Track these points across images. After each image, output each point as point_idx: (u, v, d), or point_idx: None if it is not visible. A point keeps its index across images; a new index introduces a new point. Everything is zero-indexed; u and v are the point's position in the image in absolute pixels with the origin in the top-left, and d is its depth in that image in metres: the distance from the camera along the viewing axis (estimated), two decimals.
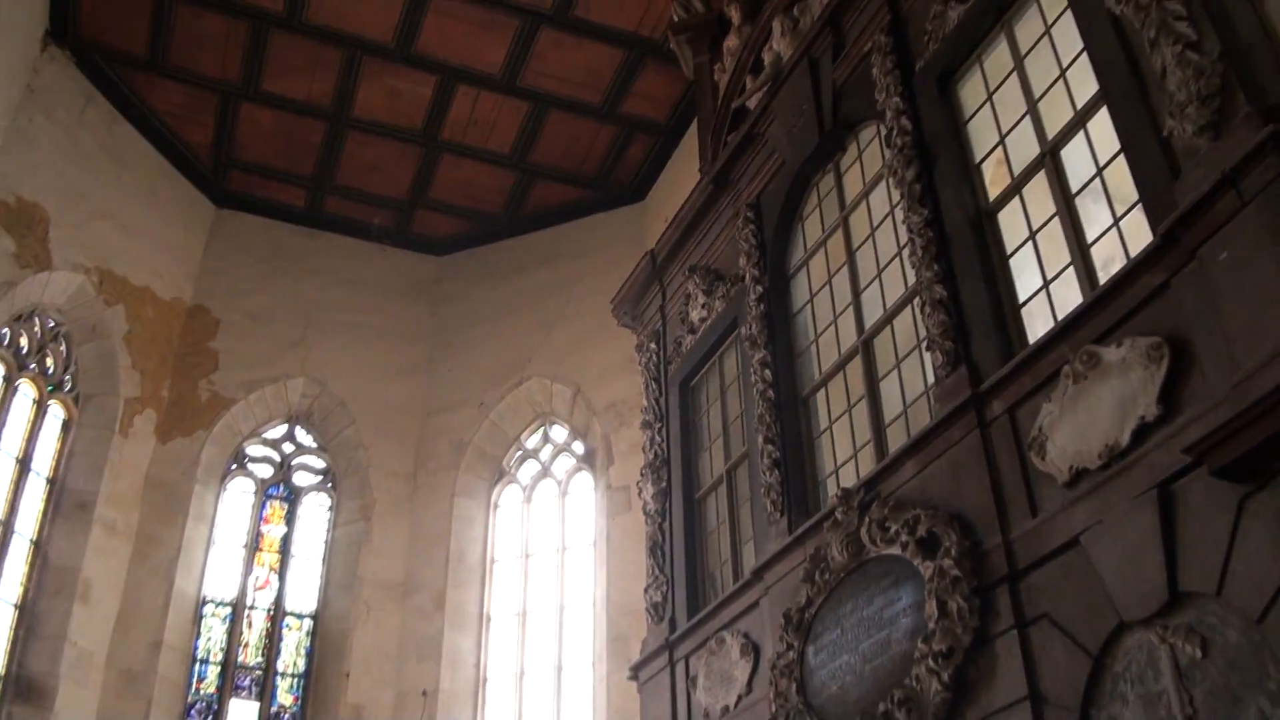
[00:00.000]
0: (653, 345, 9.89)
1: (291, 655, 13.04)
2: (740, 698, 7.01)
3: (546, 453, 14.17)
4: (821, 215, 7.73)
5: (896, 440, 6.20)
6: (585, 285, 13.89)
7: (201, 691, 12.51)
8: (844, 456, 6.81)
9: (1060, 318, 5.01)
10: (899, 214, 6.55)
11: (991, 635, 4.88)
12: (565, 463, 13.98)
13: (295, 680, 12.94)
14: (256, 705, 12.64)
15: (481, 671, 12.89)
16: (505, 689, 12.81)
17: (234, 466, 13.95)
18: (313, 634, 13.22)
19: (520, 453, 14.25)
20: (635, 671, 8.56)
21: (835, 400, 7.07)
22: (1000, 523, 5.03)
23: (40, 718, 11.08)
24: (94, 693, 11.59)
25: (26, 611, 11.57)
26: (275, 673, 12.92)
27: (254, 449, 14.25)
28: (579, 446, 13.92)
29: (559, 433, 14.18)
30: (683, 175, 12.57)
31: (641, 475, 9.43)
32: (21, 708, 11.10)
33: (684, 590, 8.21)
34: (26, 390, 12.42)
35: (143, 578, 12.44)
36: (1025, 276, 5.46)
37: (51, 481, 12.37)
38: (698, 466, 8.78)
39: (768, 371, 7.57)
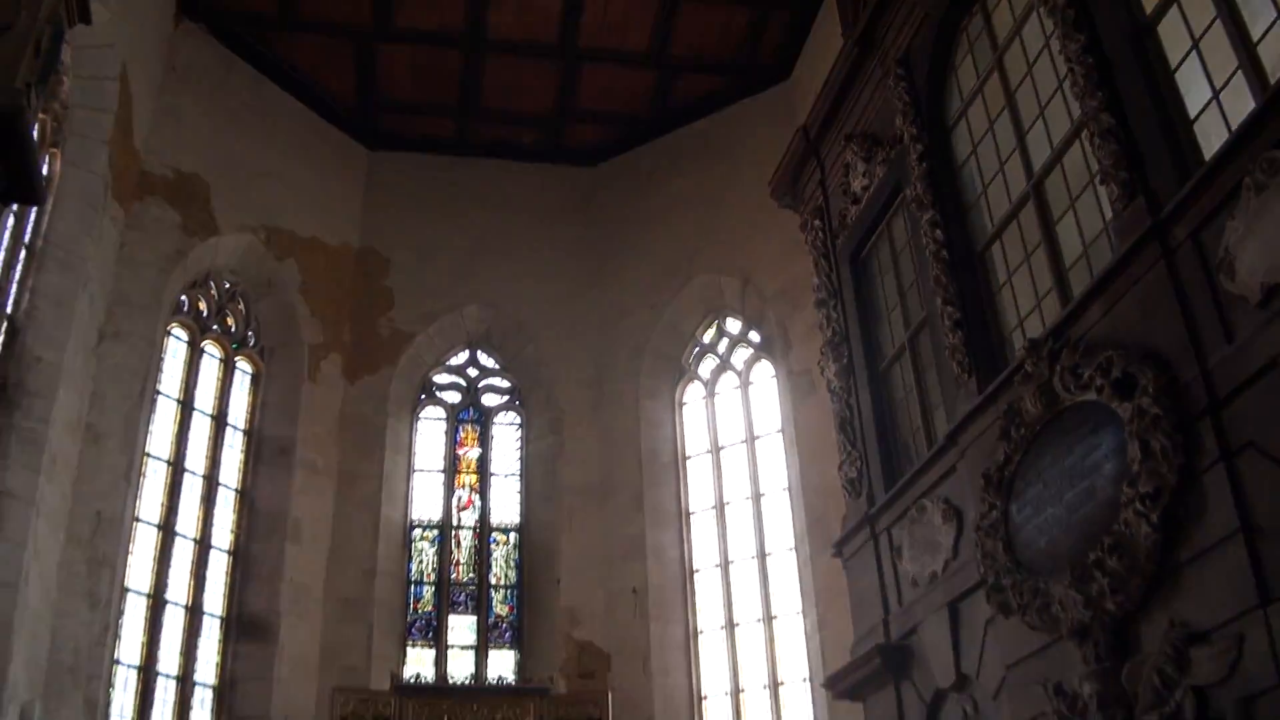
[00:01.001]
0: (817, 222, 9.77)
1: (502, 568, 13.67)
2: (947, 563, 7.02)
3: (723, 346, 14.23)
4: (974, 60, 7.47)
5: (1079, 283, 6.03)
6: (741, 173, 13.68)
7: (420, 610, 13.23)
8: (1027, 307, 6.65)
9: (1234, 128, 4.80)
10: (1054, 45, 6.31)
11: (1198, 470, 4.78)
12: (743, 354, 14.03)
13: (508, 591, 13.58)
14: (474, 619, 13.36)
15: (687, 565, 13.26)
16: (711, 580, 13.14)
17: (423, 397, 14.47)
18: (519, 546, 13.81)
19: (698, 349, 14.36)
20: (838, 548, 8.66)
21: (1012, 250, 6.90)
22: (1195, 353, 4.89)
23: (266, 650, 11.91)
24: (315, 623, 12.33)
25: (240, 556, 12.39)
26: (488, 586, 13.56)
27: (440, 378, 14.67)
28: (755, 336, 13.93)
29: (733, 325, 14.23)
30: (825, 45, 12.27)
31: (822, 355, 9.40)
32: (248, 644, 11.96)
33: (878, 463, 8.21)
34: (213, 351, 13.08)
35: (349, 511, 13.10)
36: (1193, 90, 5.22)
37: (249, 432, 13.08)
38: (878, 338, 8.70)
39: (938, 231, 7.41)
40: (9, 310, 9.74)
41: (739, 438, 13.65)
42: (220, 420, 12.92)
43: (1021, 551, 5.95)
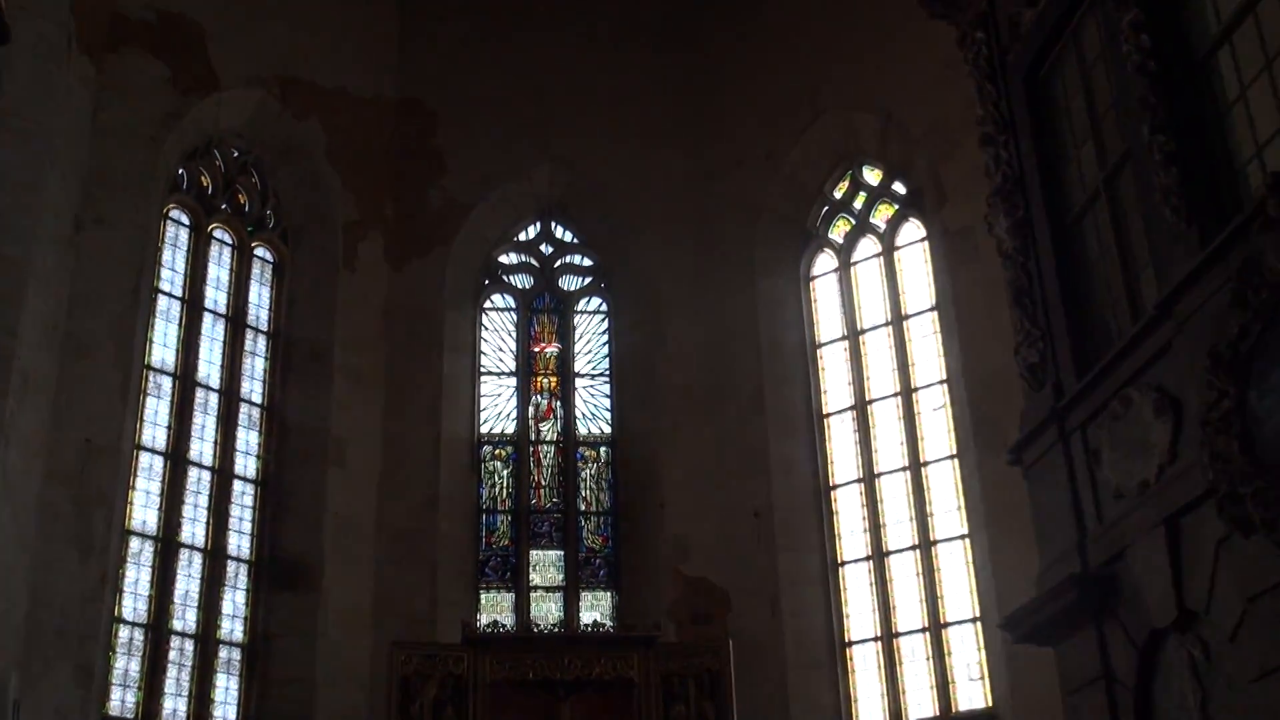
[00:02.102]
0: (979, 34, 9.45)
1: (592, 492, 13.93)
2: (1162, 468, 6.88)
3: (860, 202, 14.18)
4: None
5: None
6: None
7: (494, 545, 13.54)
8: (1268, 130, 6.33)
9: None
10: None
11: None
12: (885, 211, 13.99)
13: (601, 519, 13.83)
14: (560, 553, 13.64)
15: (821, 480, 13.37)
16: (852, 499, 13.27)
17: (487, 282, 14.70)
18: (612, 463, 14.00)
19: (827, 208, 14.34)
20: (1016, 454, 8.55)
21: (1246, 54, 6.53)
22: None
23: (307, 601, 12.22)
24: (366, 566, 12.63)
25: (271, 487, 12.63)
26: (577, 513, 13.81)
27: (507, 258, 14.90)
28: (899, 187, 13.84)
29: (871, 175, 14.15)
30: None
31: (989, 206, 9.19)
32: (284, 594, 12.26)
33: (1067, 344, 8.10)
34: (223, 236, 13.20)
35: (402, 428, 13.32)
36: None
37: (273, 335, 13.29)
38: (1064, 182, 8.53)
39: (1143, 35, 7.07)
40: None
41: (882, 319, 13.66)
42: (237, 321, 13.09)
43: (1264, 451, 5.79)
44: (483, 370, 14.31)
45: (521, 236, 14.97)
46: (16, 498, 9.77)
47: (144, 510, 11.70)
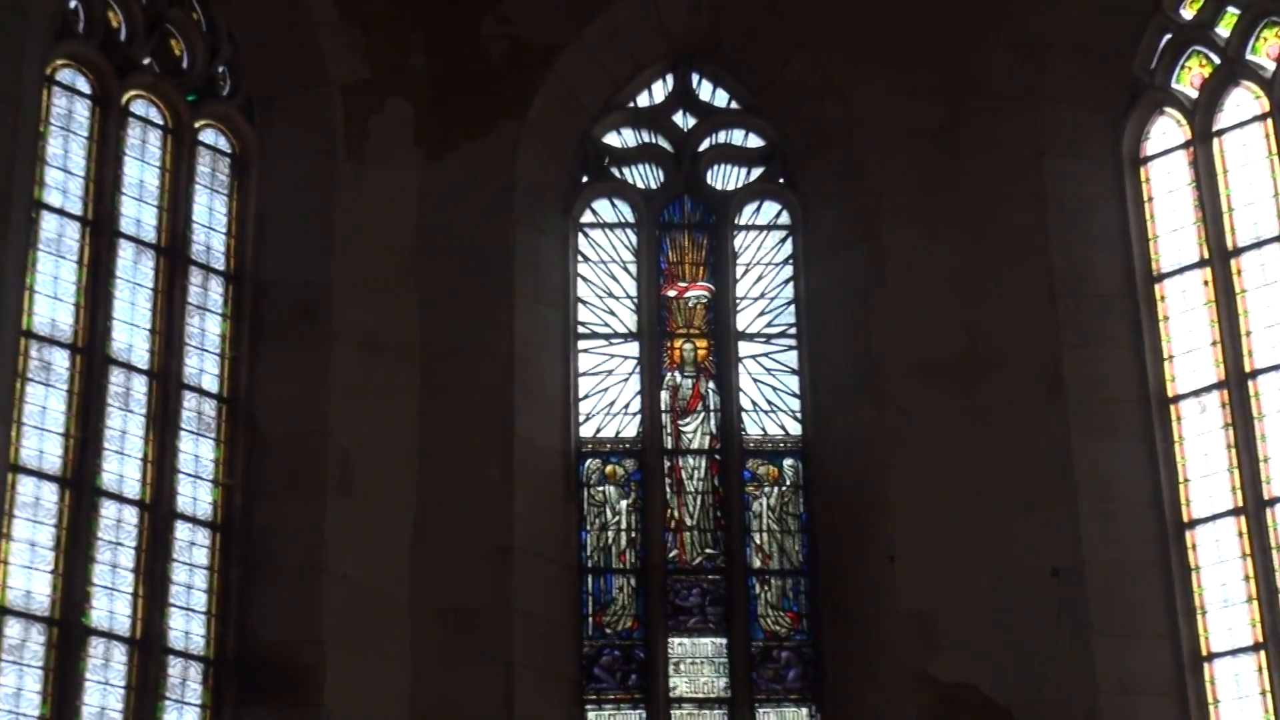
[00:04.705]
0: None
1: (771, 536, 13.39)
2: None
3: (1225, 27, 13.55)
4: None
5: None
6: None
7: (609, 628, 13.15)
8: None
9: None
10: None
11: None
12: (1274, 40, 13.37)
13: (788, 584, 13.28)
14: (722, 642, 13.14)
15: (1169, 513, 12.62)
16: (1227, 540, 12.52)
17: (584, 180, 14.34)
18: (804, 488, 13.44)
19: (1166, 39, 13.75)
20: None
21: None
22: None
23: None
24: (394, 665, 12.32)
25: (237, 533, 12.28)
26: (746, 573, 13.28)
27: (617, 137, 14.68)
28: None
29: None
30: None
31: None
32: (262, 711, 11.84)
33: None
34: (146, 112, 12.85)
35: (450, 431, 12.99)
36: None
37: (233, 278, 13.08)
38: None
39: None
40: None
41: (1273, 228, 13.03)
42: (174, 256, 12.72)
43: None
44: (582, 331, 13.93)
45: (643, 100, 14.60)
46: None
47: (27, 576, 11.14)
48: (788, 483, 13.47)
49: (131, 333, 12.18)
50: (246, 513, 12.35)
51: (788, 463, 13.55)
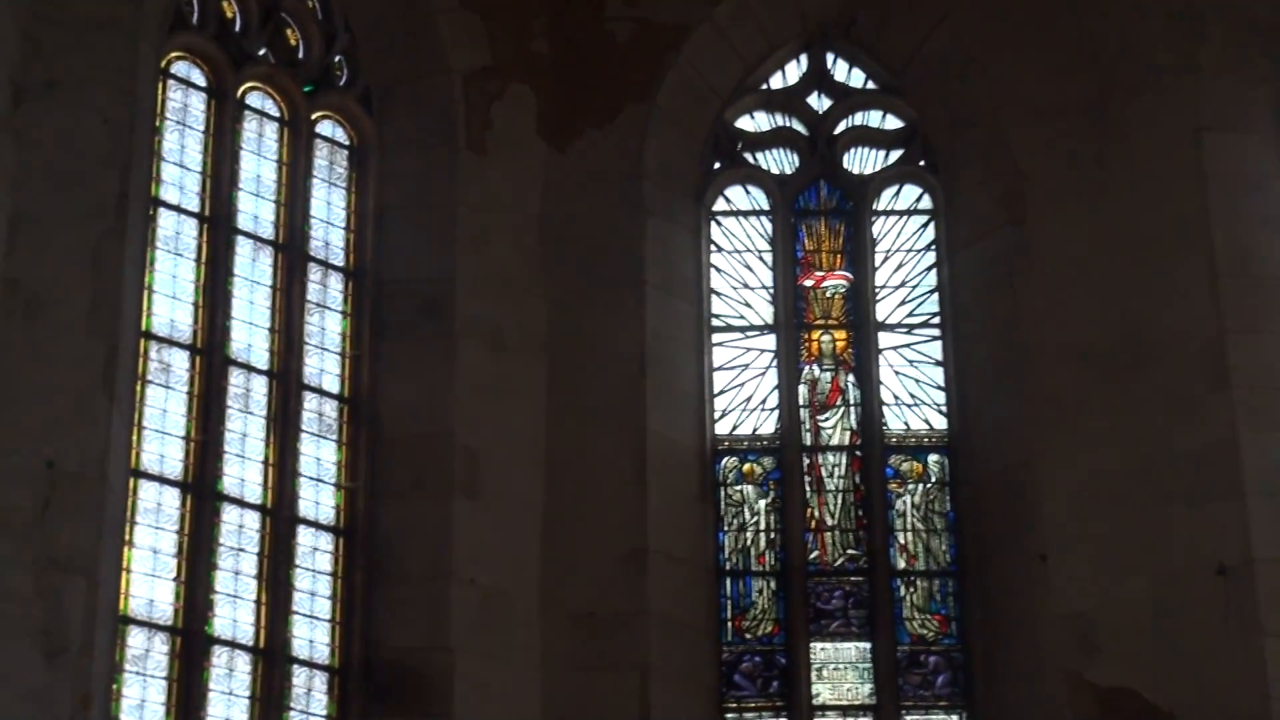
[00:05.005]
0: None
1: (917, 536, 13.28)
2: None
3: None
4: None
5: None
6: None
7: (748, 633, 12.97)
8: None
9: None
10: None
11: None
12: None
13: (935, 585, 13.22)
14: (866, 646, 13.02)
15: None
16: None
17: (716, 166, 14.22)
18: (951, 485, 13.32)
19: None
20: None
21: None
22: None
23: None
24: (525, 672, 12.31)
25: (362, 538, 12.27)
26: (891, 574, 13.21)
27: (750, 121, 14.49)
28: None
29: None
30: None
31: None
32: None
33: None
34: (262, 104, 12.89)
35: (580, 429, 12.91)
36: None
37: (354, 274, 13.04)
38: None
39: None
40: None
41: None
42: (293, 252, 12.69)
43: None
44: (716, 323, 13.79)
45: (776, 82, 14.46)
46: None
47: (149, 584, 11.14)
48: (933, 479, 13.33)
49: (250, 332, 12.20)
50: (370, 517, 12.35)
51: (932, 458, 13.41)
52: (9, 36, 10.84)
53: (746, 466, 13.38)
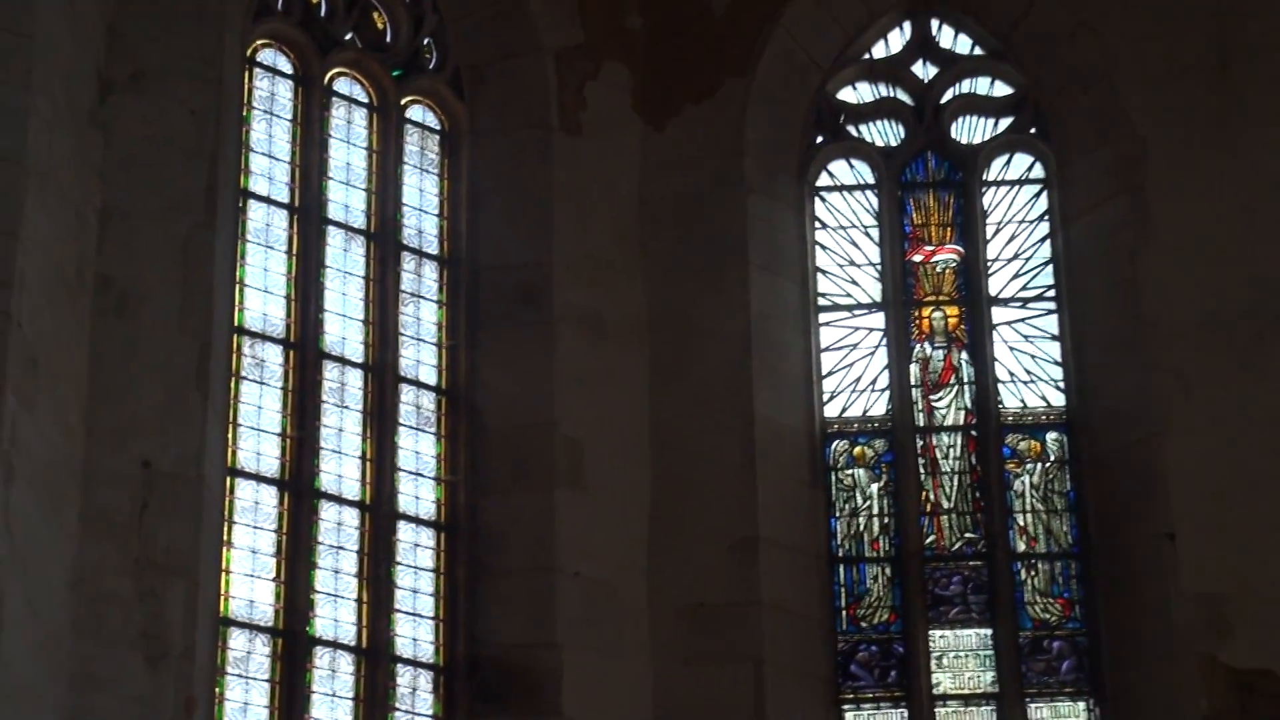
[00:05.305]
0: None
1: (1037, 518, 13.15)
2: None
3: None
4: None
5: None
6: None
7: (864, 622, 12.97)
8: None
9: None
10: None
11: None
12: None
13: (1057, 567, 13.07)
14: (987, 633, 12.94)
15: None
16: None
17: (819, 140, 14.13)
18: (1072, 463, 13.16)
19: None
20: None
21: None
22: None
23: None
24: (635, 666, 12.31)
25: (462, 532, 12.31)
26: (1011, 558, 13.06)
27: (851, 93, 14.39)
28: None
29: None
30: None
31: None
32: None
33: None
34: (350, 90, 12.94)
35: (684, 414, 12.85)
36: None
37: (448, 262, 13.02)
38: None
39: None
40: None
41: None
42: (384, 241, 12.71)
43: None
44: (823, 303, 13.69)
45: (879, 51, 14.36)
46: (34, 572, 9.25)
47: (248, 585, 11.26)
48: (1052, 458, 13.19)
49: (344, 325, 12.24)
50: (471, 510, 12.33)
51: (1051, 436, 13.27)
52: (94, 28, 10.87)
53: (858, 449, 13.33)
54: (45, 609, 9.34)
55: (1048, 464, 13.23)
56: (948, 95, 14.16)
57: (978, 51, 14.27)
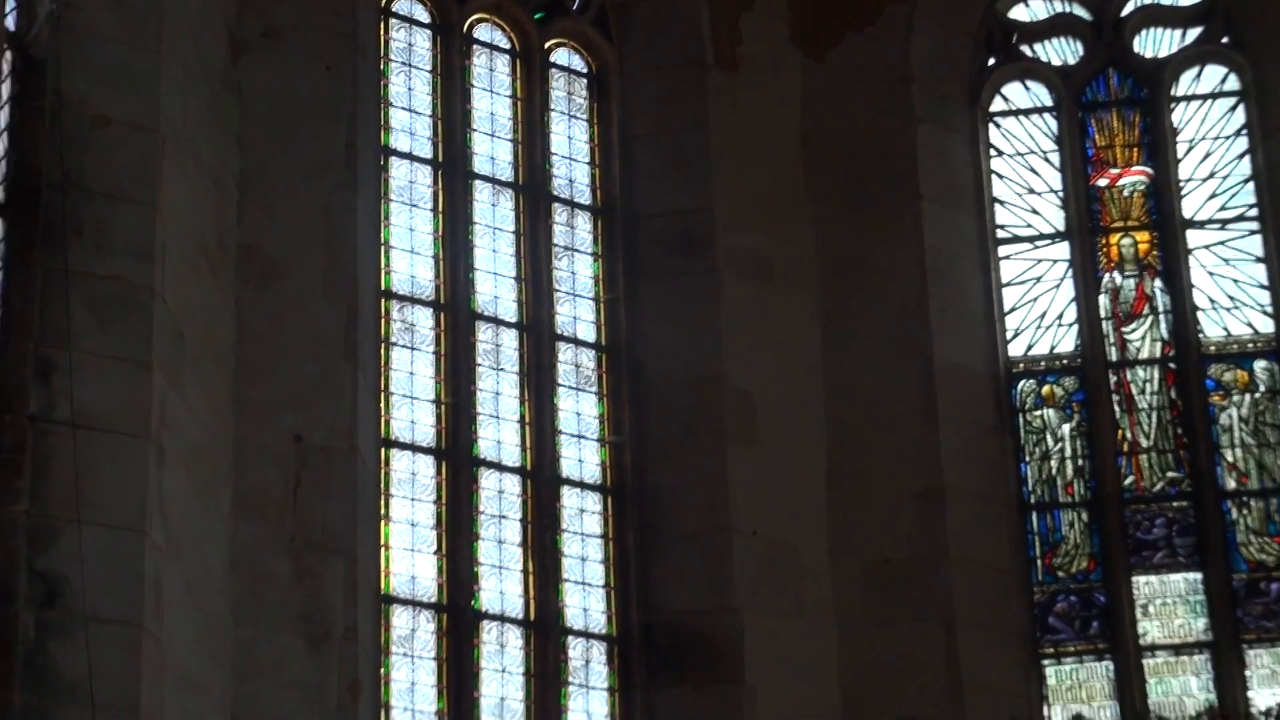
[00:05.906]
0: None
1: (1248, 452, 13.05)
2: None
3: None
4: None
5: None
6: None
7: (1061, 570, 12.93)
8: None
9: None
10: None
11: None
12: None
13: (1272, 506, 12.88)
14: (1197, 577, 12.83)
15: None
16: None
17: (992, 62, 14.14)
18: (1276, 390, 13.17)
19: None
20: None
21: None
22: None
23: (723, 704, 11.81)
24: (819, 629, 12.32)
25: (631, 497, 12.29)
26: (1220, 496, 12.99)
27: (1023, 10, 14.43)
28: None
29: None
30: None
31: None
32: (675, 693, 11.95)
33: None
34: (492, 37, 13.01)
35: (858, 362, 12.83)
36: None
37: (602, 211, 13.04)
38: None
39: None
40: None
41: None
42: (534, 191, 12.82)
43: None
44: (1002, 235, 13.69)
45: None
46: (190, 557, 9.30)
47: (409, 560, 11.41)
48: (1261, 388, 13.09)
49: (496, 283, 12.33)
50: (639, 472, 12.35)
51: (1259, 365, 13.17)
52: None
53: (1046, 389, 13.30)
54: (204, 595, 9.35)
55: (1257, 394, 13.09)
56: (1129, 7, 13.98)
57: None
